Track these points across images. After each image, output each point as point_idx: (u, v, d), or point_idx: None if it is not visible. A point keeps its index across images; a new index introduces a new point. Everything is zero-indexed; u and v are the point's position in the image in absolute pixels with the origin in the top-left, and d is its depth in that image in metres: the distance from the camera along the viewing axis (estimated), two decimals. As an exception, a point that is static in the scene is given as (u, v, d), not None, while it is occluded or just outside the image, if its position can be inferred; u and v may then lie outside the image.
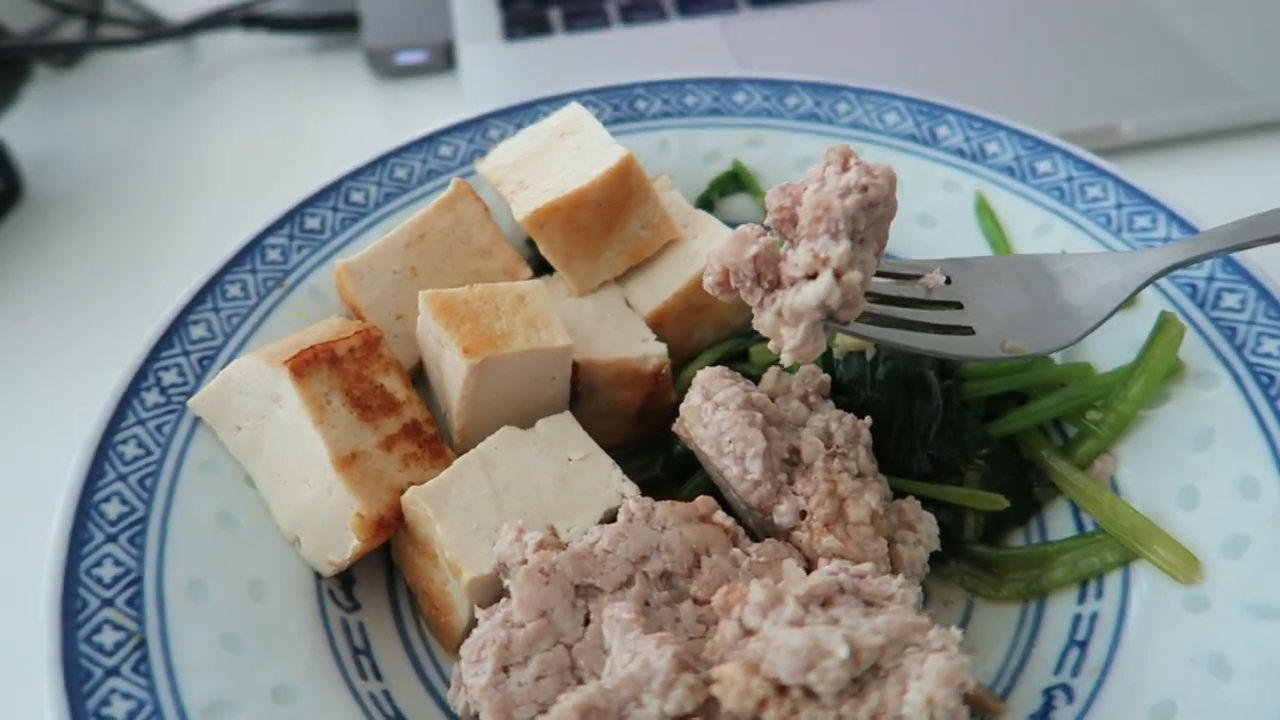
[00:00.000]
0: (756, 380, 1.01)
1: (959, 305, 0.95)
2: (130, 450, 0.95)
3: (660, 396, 1.08)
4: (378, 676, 0.93)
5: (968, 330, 0.92)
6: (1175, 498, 0.94)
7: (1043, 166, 1.22)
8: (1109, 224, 1.14)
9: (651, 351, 1.05)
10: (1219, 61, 1.65)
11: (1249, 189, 1.48)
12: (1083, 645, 0.90)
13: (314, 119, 1.87)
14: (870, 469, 0.93)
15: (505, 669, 0.79)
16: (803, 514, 0.89)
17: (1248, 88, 1.60)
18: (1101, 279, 0.96)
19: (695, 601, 0.85)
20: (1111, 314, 0.94)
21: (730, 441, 0.90)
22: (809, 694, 0.71)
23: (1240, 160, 1.57)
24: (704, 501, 0.91)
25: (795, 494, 0.90)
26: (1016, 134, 1.25)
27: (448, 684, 0.94)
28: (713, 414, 0.92)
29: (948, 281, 0.96)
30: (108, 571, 0.86)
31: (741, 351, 1.12)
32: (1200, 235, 0.96)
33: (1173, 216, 1.12)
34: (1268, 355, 0.98)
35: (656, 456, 1.11)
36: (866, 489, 0.91)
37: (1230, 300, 1.03)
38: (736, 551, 0.88)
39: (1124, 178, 1.17)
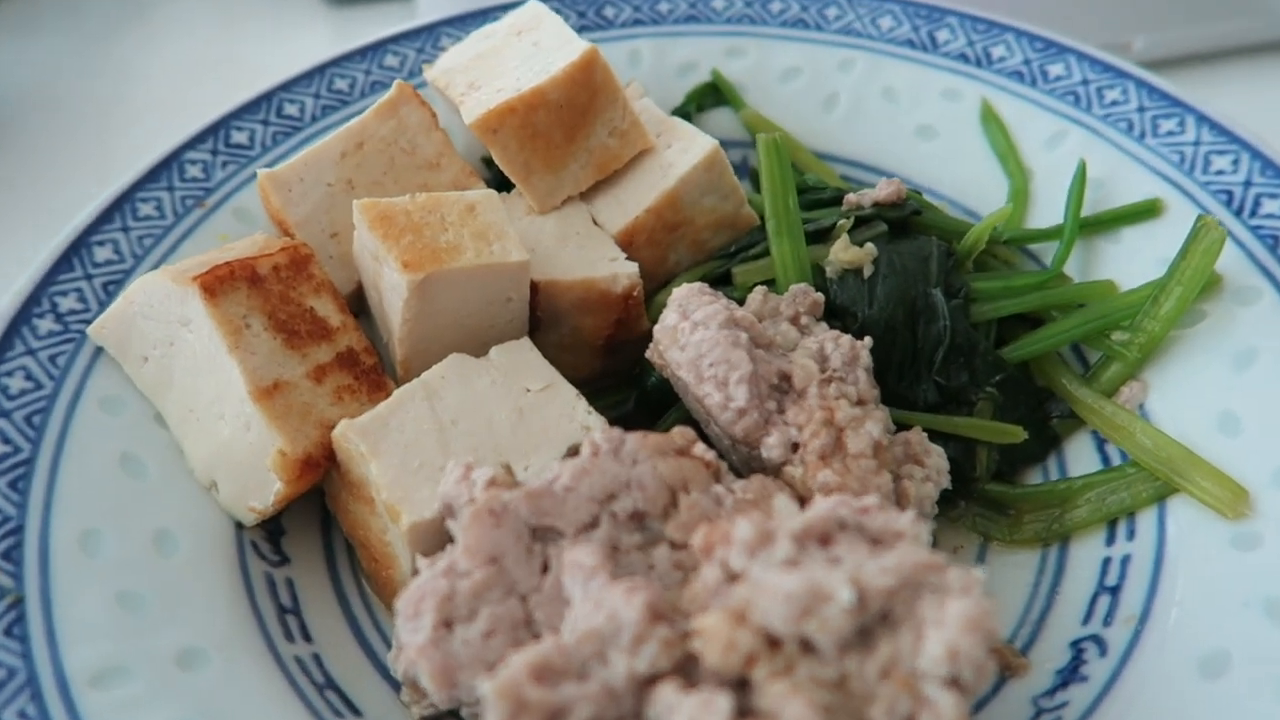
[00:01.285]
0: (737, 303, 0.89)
1: None
2: (16, 383, 0.82)
3: (631, 324, 0.95)
4: (306, 638, 0.80)
5: None
6: (1215, 424, 0.83)
7: (1055, 70, 1.10)
8: (1130, 129, 1.03)
9: (621, 271, 0.93)
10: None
11: (1267, 110, 1.36)
12: (1114, 591, 0.80)
13: (262, 48, 1.73)
14: (871, 395, 0.81)
15: (448, 624, 0.67)
16: (795, 446, 0.78)
17: (1267, 4, 1.48)
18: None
19: (671, 545, 0.73)
20: None
21: (711, 365, 0.78)
22: (806, 647, 0.59)
23: (1256, 80, 1.45)
24: (681, 433, 0.79)
25: (786, 424, 0.78)
26: (1026, 35, 1.13)
27: (389, 645, 0.82)
28: (691, 334, 0.80)
29: None
30: (-19, 520, 0.73)
31: (723, 274, 1.00)
32: None
33: (1203, 118, 1.00)
34: (1315, 265, 0.87)
35: (628, 393, 0.99)
36: (868, 417, 0.79)
37: (1270, 206, 0.92)
38: (719, 489, 0.76)
39: (1147, 78, 1.05)
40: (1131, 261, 0.96)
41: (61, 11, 1.82)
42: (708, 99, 1.19)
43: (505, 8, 1.21)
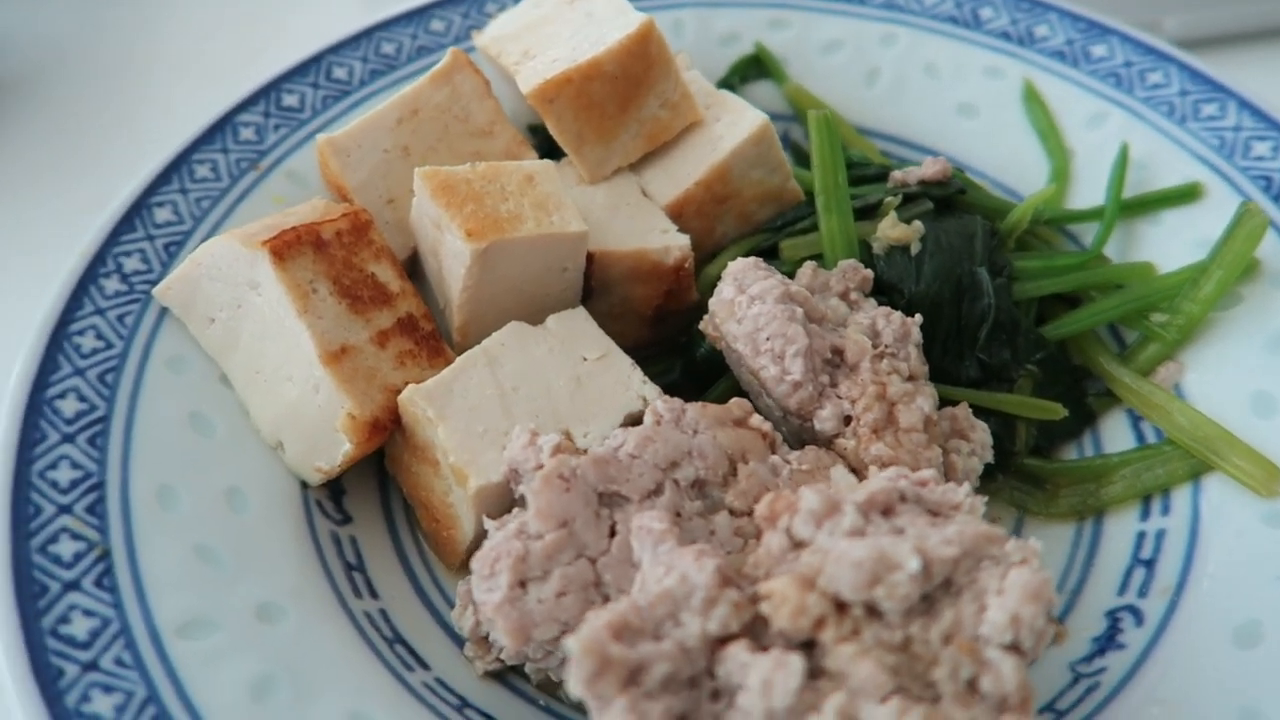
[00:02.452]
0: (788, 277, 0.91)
1: None
2: (88, 342, 0.84)
3: (681, 295, 0.97)
4: (373, 594, 0.83)
5: None
6: (1249, 404, 0.86)
7: (1098, 51, 1.11)
8: (1171, 113, 1.04)
9: (673, 243, 0.94)
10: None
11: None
12: (1149, 564, 0.83)
13: (286, 8, 1.72)
14: (922, 371, 0.84)
15: (522, 584, 0.70)
16: (847, 419, 0.80)
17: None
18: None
19: (731, 512, 0.76)
20: None
21: (768, 338, 0.80)
22: (872, 612, 0.62)
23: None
24: (738, 404, 0.81)
25: (839, 397, 0.81)
26: (1069, 15, 1.14)
27: (450, 603, 0.85)
28: (748, 308, 0.82)
29: None
30: (64, 475, 0.76)
31: (770, 247, 1.01)
32: None
33: (1244, 104, 1.02)
34: (1352, 252, 0.90)
35: (674, 362, 1.01)
36: (918, 392, 0.81)
37: (1310, 193, 0.94)
38: (775, 459, 0.79)
39: (1189, 62, 1.06)
40: (1169, 244, 0.98)
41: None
42: (751, 71, 1.20)
43: (550, -28, 1.22)
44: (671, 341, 1.01)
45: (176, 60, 1.61)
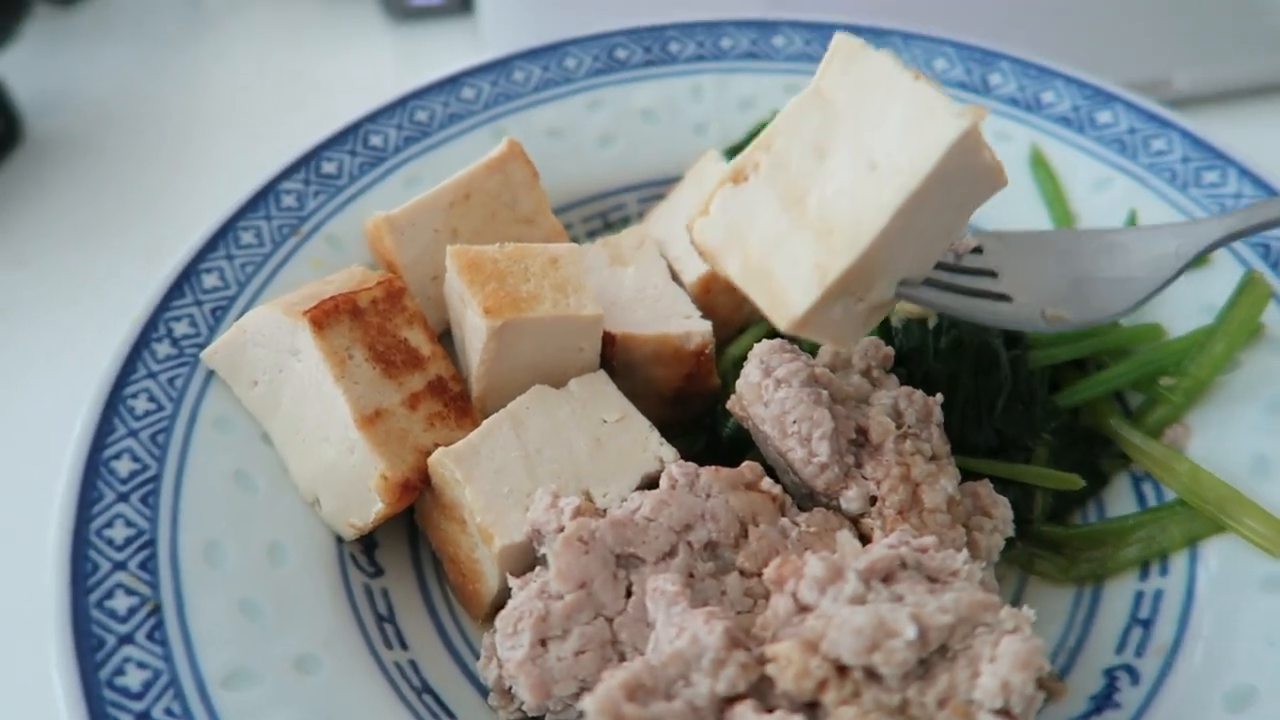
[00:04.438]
0: (810, 355, 0.94)
1: (992, 274, 0.88)
2: (141, 404, 0.90)
3: (701, 379, 1.00)
4: (403, 645, 0.88)
5: (1004, 298, 0.86)
6: (1248, 468, 0.89)
7: (1103, 117, 1.15)
8: (1174, 179, 1.08)
9: (695, 329, 0.98)
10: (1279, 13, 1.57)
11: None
12: (1146, 624, 0.86)
13: (324, 62, 1.80)
14: (944, 450, 0.86)
15: (543, 642, 0.75)
16: (873, 500, 0.83)
17: (1307, 40, 1.52)
18: (1154, 249, 0.89)
19: (742, 574, 0.80)
20: (1167, 283, 0.87)
21: (795, 421, 0.83)
22: (872, 675, 0.66)
23: (1296, 116, 1.50)
24: (750, 468, 0.85)
25: (865, 478, 0.83)
26: (1075, 82, 1.18)
27: (475, 654, 0.90)
28: (774, 391, 0.85)
29: (978, 250, 0.90)
30: (119, 533, 0.81)
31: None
32: (1262, 202, 0.90)
33: (1244, 172, 1.05)
34: (1347, 320, 0.93)
35: (699, 437, 1.04)
36: (941, 473, 0.84)
37: (1307, 262, 0.97)
38: (785, 521, 0.83)
39: (1191, 130, 1.10)
40: (1174, 307, 1.01)
41: (130, 21, 1.90)
42: (767, 135, 1.25)
43: (575, 41, 1.29)
44: (694, 422, 1.04)
45: (217, 115, 1.69)
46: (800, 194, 0.77)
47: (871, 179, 0.73)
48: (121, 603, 0.77)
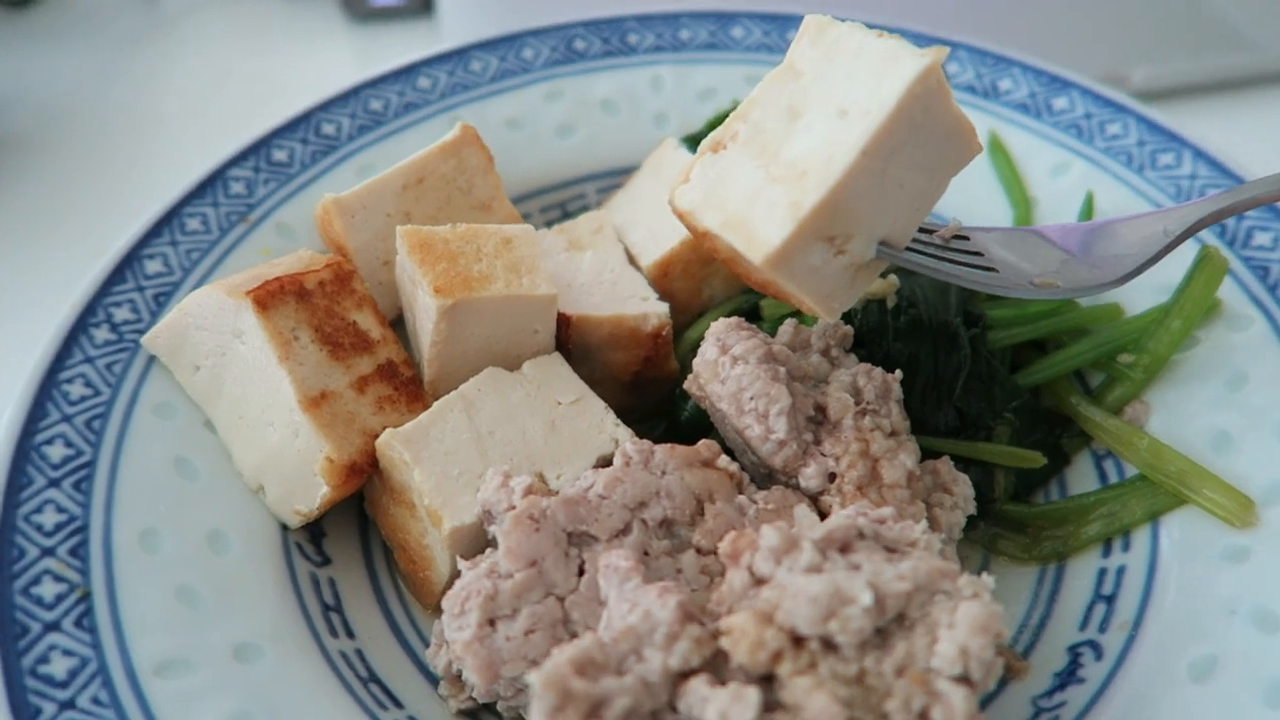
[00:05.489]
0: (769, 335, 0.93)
1: (979, 254, 0.87)
2: (77, 390, 0.86)
3: (659, 362, 0.98)
4: (349, 634, 0.85)
5: (991, 270, 0.85)
6: (1209, 443, 0.88)
7: (1059, 103, 1.15)
8: (1130, 162, 1.08)
9: (652, 310, 0.96)
10: (1230, 13, 1.59)
11: (1264, 143, 1.42)
12: (1109, 600, 0.84)
13: (284, 63, 1.78)
14: (903, 426, 0.85)
15: (491, 622, 0.72)
16: (832, 476, 0.81)
17: (1259, 39, 1.54)
18: (1143, 231, 0.88)
19: (698, 551, 0.78)
20: (1159, 257, 0.86)
21: (752, 398, 0.82)
22: (828, 645, 0.64)
23: (1253, 113, 1.51)
24: (706, 445, 0.83)
25: (823, 455, 0.82)
26: (1031, 70, 1.18)
27: (426, 643, 0.87)
28: (731, 368, 0.83)
29: (963, 238, 0.89)
30: (49, 518, 0.78)
31: (751, 307, 1.04)
32: (1247, 184, 0.89)
33: (1199, 154, 1.06)
34: (1303, 295, 0.93)
35: (658, 423, 1.02)
36: (900, 448, 0.83)
37: (1262, 239, 0.98)
38: (742, 499, 0.81)
39: (1145, 114, 1.10)
40: (1132, 287, 1.00)
41: (86, 22, 1.87)
42: (726, 125, 1.24)
43: (533, 32, 1.28)
44: (652, 408, 1.03)
45: (175, 117, 1.66)
46: (775, 150, 0.77)
47: (841, 124, 0.73)
48: (49, 589, 0.74)
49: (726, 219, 0.77)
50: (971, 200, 1.14)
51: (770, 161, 0.76)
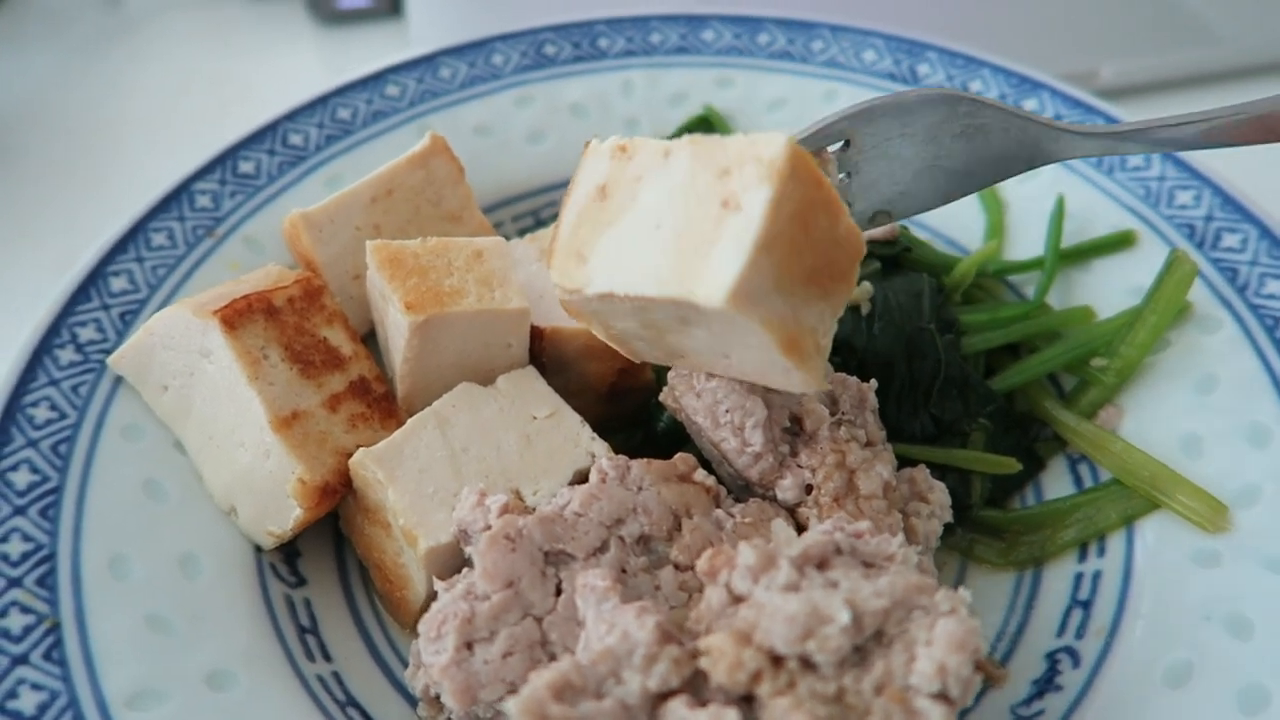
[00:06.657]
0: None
1: (847, 174, 0.88)
2: (41, 413, 0.85)
3: (634, 372, 0.97)
4: (326, 658, 0.84)
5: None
6: (1179, 446, 0.89)
7: (1029, 105, 1.15)
8: (1099, 164, 1.08)
9: None
10: (1199, 8, 1.60)
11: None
12: (1086, 605, 0.85)
13: (249, 67, 1.75)
14: (879, 436, 0.85)
15: (469, 645, 0.72)
16: (809, 488, 0.81)
17: (1226, 35, 1.56)
18: (1011, 147, 0.87)
19: (676, 567, 0.78)
20: (995, 182, 0.89)
21: (727, 411, 0.81)
22: (807, 664, 0.64)
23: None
24: (683, 459, 0.83)
25: (800, 466, 0.81)
26: (1002, 71, 1.19)
27: (404, 664, 0.86)
28: (706, 381, 0.83)
29: (846, 146, 0.87)
30: (15, 548, 0.77)
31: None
32: (1133, 124, 0.88)
33: (1167, 155, 1.06)
34: (1271, 296, 0.94)
35: (634, 433, 1.01)
36: (877, 459, 0.82)
37: (1230, 240, 0.98)
38: (719, 513, 0.81)
39: (1115, 115, 1.11)
40: (1102, 290, 1.01)
41: (47, 24, 1.83)
42: (699, 129, 1.23)
43: (502, 37, 1.26)
44: (629, 418, 1.01)
45: (139, 121, 1.63)
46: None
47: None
48: (16, 621, 0.72)
49: None
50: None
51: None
